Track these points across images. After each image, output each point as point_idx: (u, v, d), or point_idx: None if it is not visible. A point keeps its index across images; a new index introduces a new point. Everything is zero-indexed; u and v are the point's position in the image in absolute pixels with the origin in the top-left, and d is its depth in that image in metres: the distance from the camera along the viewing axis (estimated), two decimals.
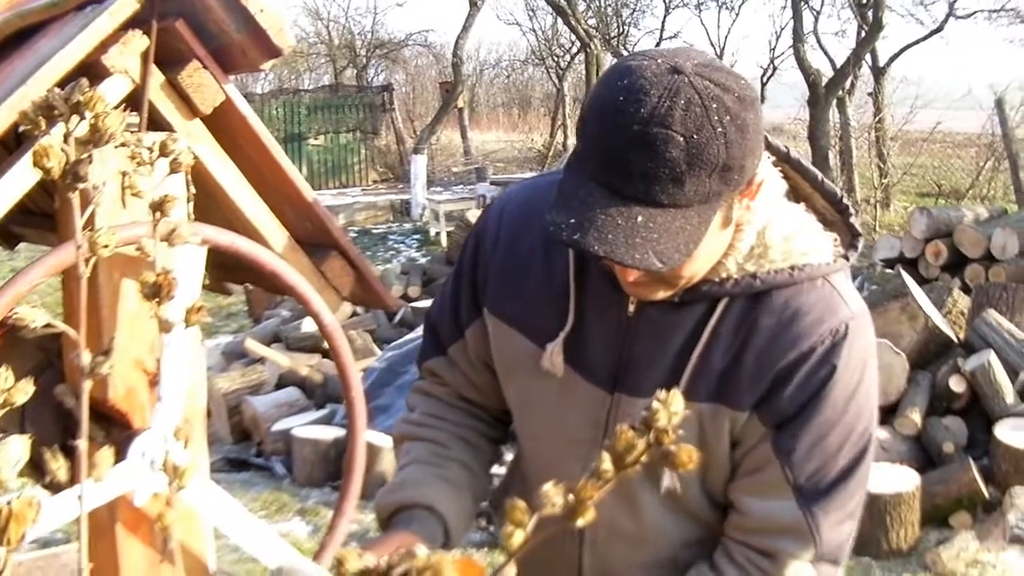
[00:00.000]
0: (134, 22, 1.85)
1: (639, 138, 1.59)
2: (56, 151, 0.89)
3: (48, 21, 1.91)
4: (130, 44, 1.85)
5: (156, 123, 1.92)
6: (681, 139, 1.58)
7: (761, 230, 1.85)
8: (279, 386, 8.91)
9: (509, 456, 2.32)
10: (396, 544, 1.94)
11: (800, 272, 1.86)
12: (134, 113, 1.87)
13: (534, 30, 31.48)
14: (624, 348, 1.94)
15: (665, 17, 28.89)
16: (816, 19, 23.55)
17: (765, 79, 26.17)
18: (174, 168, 1.12)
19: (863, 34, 16.74)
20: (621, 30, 28.25)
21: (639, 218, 1.62)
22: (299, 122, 26.54)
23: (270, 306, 11.52)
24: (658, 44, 28.73)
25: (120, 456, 1.74)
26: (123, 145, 1.06)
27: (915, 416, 6.68)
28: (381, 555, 1.83)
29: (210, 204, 1.98)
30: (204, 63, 1.94)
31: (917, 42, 22.22)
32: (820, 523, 1.88)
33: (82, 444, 0.92)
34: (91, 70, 1.82)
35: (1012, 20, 22.00)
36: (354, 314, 10.85)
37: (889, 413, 6.87)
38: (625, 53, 27.82)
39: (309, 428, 7.78)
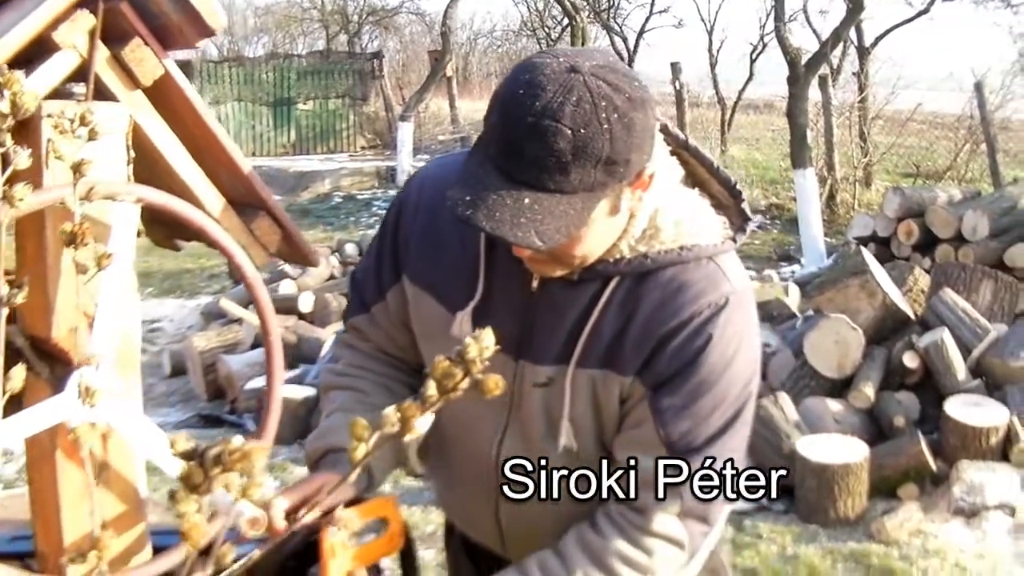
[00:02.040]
0: (83, 3, 2.03)
1: (531, 128, 1.76)
2: None
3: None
4: (78, 22, 2.01)
5: (102, 93, 2.09)
6: (569, 132, 1.75)
7: (653, 214, 2.02)
8: (255, 346, 9.04)
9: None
10: (317, 484, 2.10)
11: (688, 252, 2.02)
12: (81, 83, 2.05)
13: (525, 1, 31.46)
14: (527, 320, 2.10)
15: None
16: None
17: (755, 56, 26.19)
18: (91, 136, 1.30)
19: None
20: (612, 3, 28.27)
21: (526, 200, 1.79)
22: (289, 87, 26.56)
23: (236, 269, 11.61)
24: (648, 18, 28.71)
25: (58, 390, 1.94)
26: (49, 116, 1.21)
27: (868, 390, 6.80)
28: (303, 495, 2.03)
29: (152, 168, 2.15)
30: (145, 40, 2.10)
31: (903, 23, 22.29)
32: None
33: None
34: (44, 44, 1.99)
35: (999, 4, 22.03)
36: (331, 277, 11.02)
37: (844, 386, 7.02)
38: (615, 26, 28.07)
39: (281, 387, 7.91)
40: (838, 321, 7.04)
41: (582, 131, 1.76)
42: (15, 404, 1.82)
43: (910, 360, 6.96)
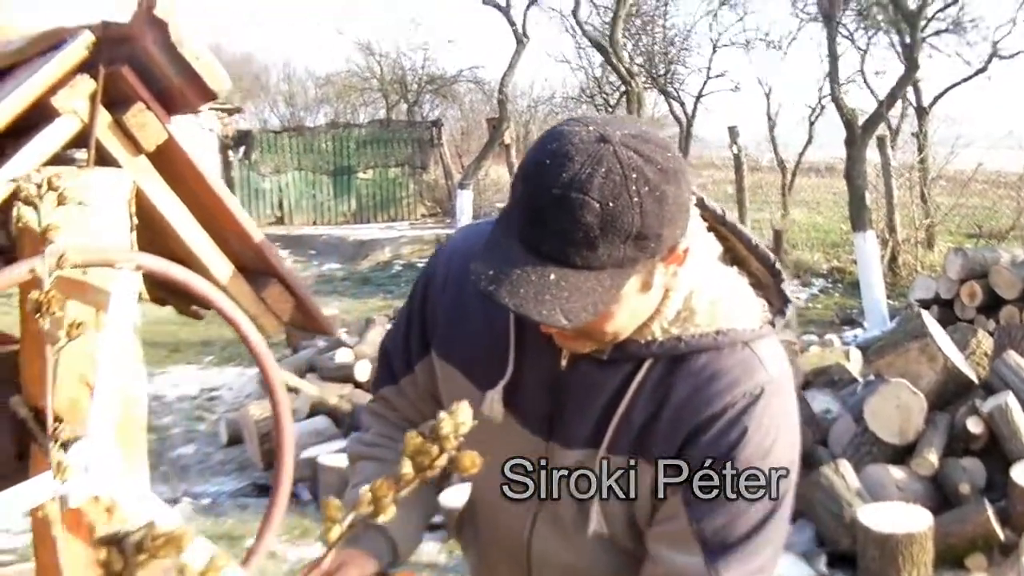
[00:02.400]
0: (84, 67, 2.00)
1: (558, 201, 1.67)
2: None
3: (14, 66, 2.06)
4: (78, 87, 1.98)
5: (105, 159, 2.06)
6: (597, 205, 1.66)
7: (688, 295, 1.92)
8: (311, 415, 9.02)
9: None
10: (341, 559, 2.04)
11: (724, 337, 1.93)
12: (83, 149, 2.02)
13: (583, 67, 31.57)
14: (556, 400, 2.02)
15: (712, 55, 28.71)
16: (862, 59, 23.60)
17: (813, 118, 26.09)
18: (61, 201, 1.25)
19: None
20: (668, 68, 28.29)
21: (552, 276, 1.70)
22: (348, 155, 26.81)
23: (307, 337, 11.66)
24: (705, 82, 28.71)
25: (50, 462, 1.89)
26: (13, 181, 1.18)
27: (932, 456, 6.66)
28: (324, 573, 1.96)
29: (158, 235, 2.12)
30: (148, 104, 2.07)
31: (961, 82, 22.18)
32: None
33: None
34: (43, 111, 1.96)
35: None
36: None
37: (906, 453, 6.87)
38: (672, 91, 28.08)
39: (335, 456, 7.87)
40: (899, 386, 6.90)
41: (611, 204, 1.67)
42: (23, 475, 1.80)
43: (974, 425, 6.80)
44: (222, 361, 13.38)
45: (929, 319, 7.57)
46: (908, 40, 15.81)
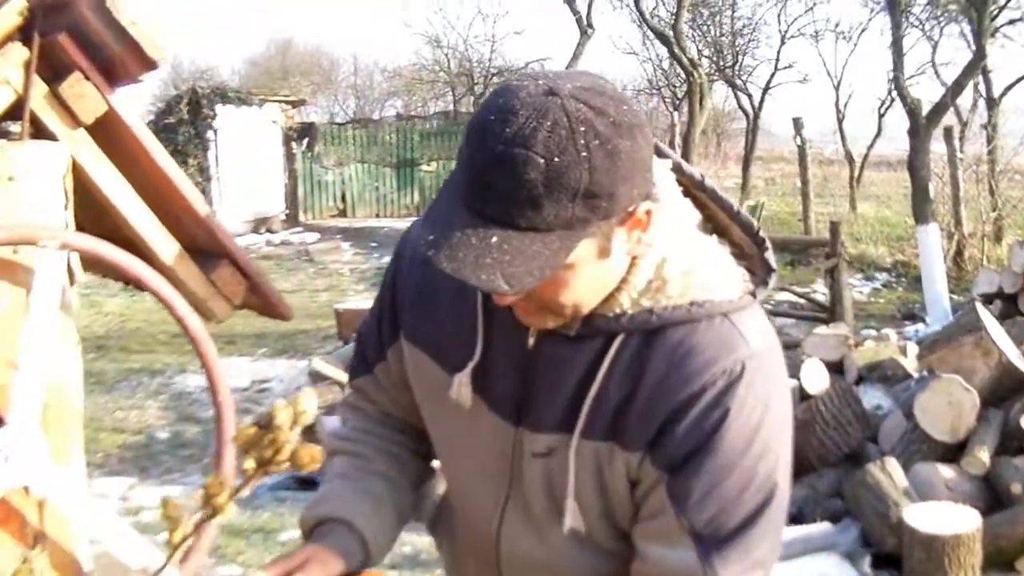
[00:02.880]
0: (18, 35, 1.91)
1: (499, 158, 1.56)
2: None
3: None
4: (10, 55, 1.88)
5: (40, 132, 1.97)
6: (541, 161, 1.54)
7: (660, 263, 1.79)
8: None
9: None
10: (302, 557, 1.95)
11: (699, 308, 1.79)
12: (18, 122, 1.93)
13: (650, 59, 31.44)
14: (525, 382, 1.89)
15: (780, 47, 28.43)
16: (933, 50, 23.30)
17: (883, 111, 25.78)
18: None
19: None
20: (736, 59, 28.08)
21: (494, 239, 1.58)
22: (412, 148, 26.89)
23: (358, 328, 11.65)
24: (773, 74, 28.49)
25: None
26: None
27: (983, 455, 6.51)
28: (286, 569, 1.87)
29: (100, 213, 2.03)
30: (87, 74, 1.97)
31: None
32: (719, 573, 1.79)
33: None
34: None
35: None
36: None
37: (957, 451, 6.72)
38: (739, 82, 27.87)
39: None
40: (951, 382, 6.74)
41: (556, 159, 1.54)
42: None
43: None
44: (275, 353, 13.46)
45: (984, 312, 7.39)
46: (977, 28, 15.53)
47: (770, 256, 1.89)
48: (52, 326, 1.87)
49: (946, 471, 6.56)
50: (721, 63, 27.22)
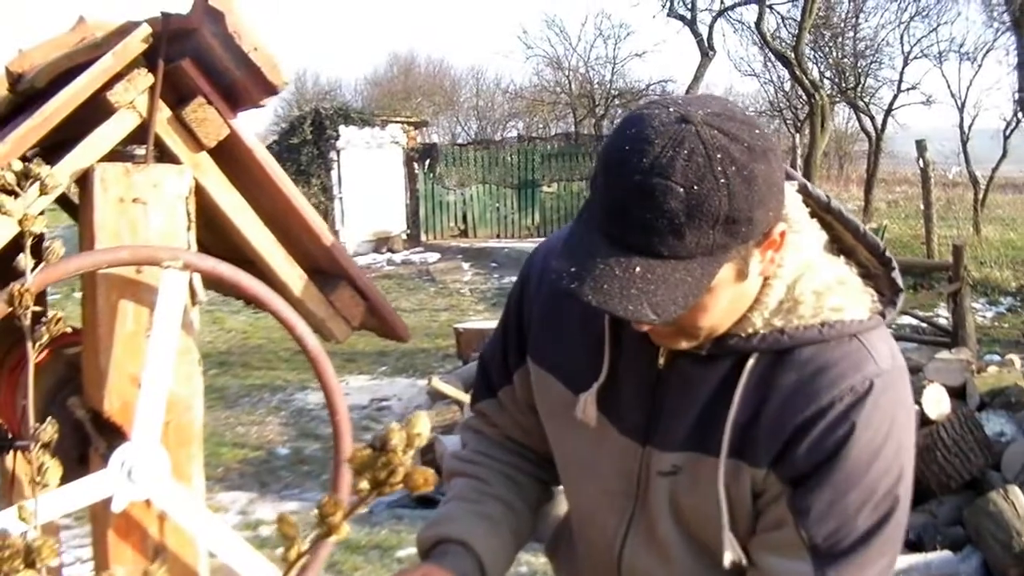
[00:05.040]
0: (143, 61, 1.96)
1: (638, 188, 1.58)
2: None
3: (91, 61, 2.03)
4: (135, 81, 1.94)
5: (164, 155, 2.02)
6: (681, 190, 1.56)
7: (792, 283, 1.80)
8: None
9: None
10: (420, 573, 1.98)
11: (830, 329, 1.80)
12: (143, 146, 1.99)
13: (771, 81, 31.18)
14: (655, 401, 1.91)
15: (903, 68, 28.02)
16: None
17: (1008, 132, 25.27)
18: (43, 191, 1.20)
19: None
20: (858, 81, 27.74)
21: (637, 268, 1.60)
22: (534, 169, 26.94)
23: (477, 347, 11.69)
24: (895, 95, 28.13)
25: (103, 464, 1.85)
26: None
27: None
28: None
29: (222, 234, 2.07)
30: (209, 99, 2.02)
31: None
32: None
33: None
34: (100, 106, 1.93)
35: None
36: None
37: None
38: (861, 104, 27.51)
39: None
40: None
41: (696, 188, 1.56)
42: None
43: None
44: (395, 372, 13.55)
45: None
46: None
47: (897, 276, 1.90)
48: (174, 344, 1.92)
49: None
50: (843, 84, 26.90)
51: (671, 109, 1.63)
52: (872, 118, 27.81)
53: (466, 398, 9.29)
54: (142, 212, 1.80)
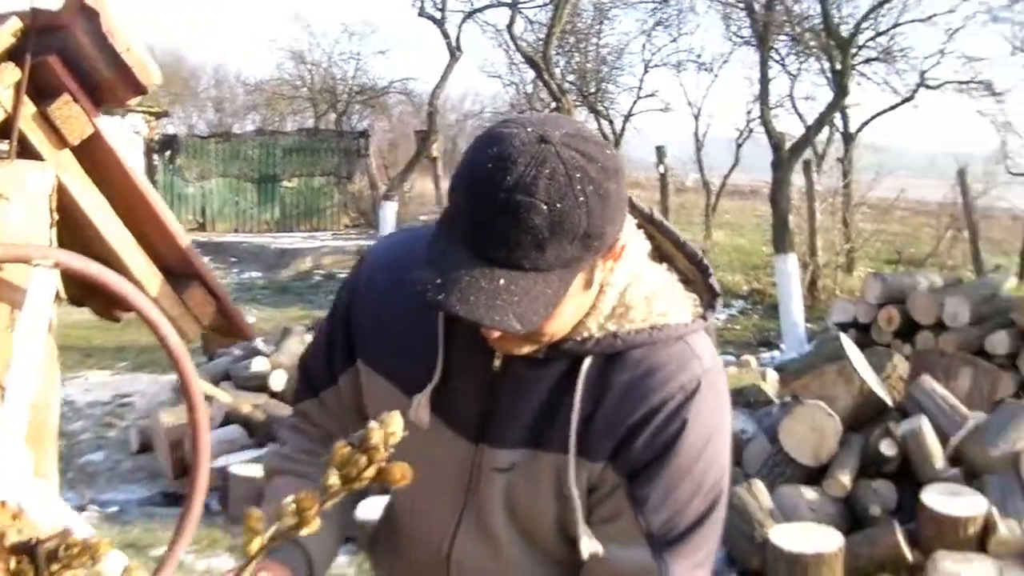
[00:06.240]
0: (10, 56, 1.94)
1: (504, 205, 1.65)
2: None
3: None
4: (1, 75, 1.93)
5: (27, 151, 2.00)
6: (544, 207, 1.65)
7: (623, 290, 1.92)
8: (224, 423, 8.89)
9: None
10: (258, 571, 2.00)
11: (659, 332, 1.92)
12: (6, 141, 1.96)
13: (514, 83, 31.58)
14: (490, 401, 1.98)
15: (643, 75, 28.88)
16: (792, 84, 23.84)
17: (741, 141, 26.30)
18: None
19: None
20: (599, 87, 28.42)
21: (501, 281, 1.68)
22: (275, 163, 26.62)
23: (224, 344, 11.51)
24: (635, 102, 28.89)
25: None
26: None
27: (845, 478, 6.71)
28: None
29: (80, 232, 2.06)
30: (75, 96, 2.02)
31: (888, 110, 22.50)
32: (671, 570, 1.92)
33: None
34: None
35: (983, 93, 22.17)
36: None
37: (820, 474, 6.92)
38: (602, 109, 28.17)
39: (246, 466, 7.77)
40: (814, 408, 6.96)
41: (558, 205, 1.65)
42: None
43: (887, 448, 6.86)
44: (136, 367, 13.19)
45: (847, 342, 7.65)
46: (839, 67, 16.00)
47: (714, 282, 2.04)
48: (41, 343, 1.91)
49: (809, 493, 6.73)
50: (585, 89, 27.50)
51: (529, 129, 1.72)
52: (611, 123, 28.53)
53: (219, 393, 9.17)
54: (4, 208, 1.79)
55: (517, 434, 1.97)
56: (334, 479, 1.01)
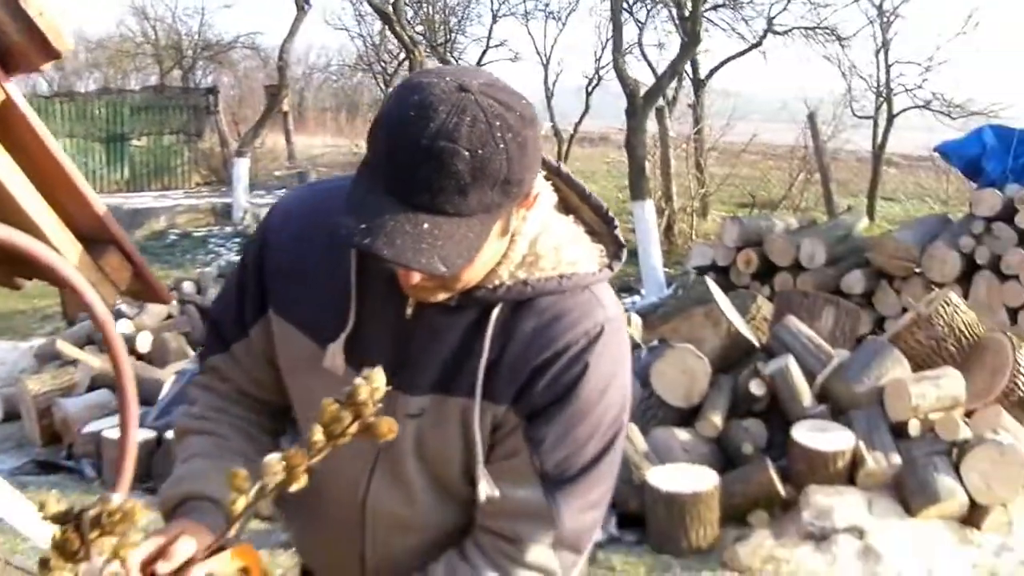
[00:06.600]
0: None
1: (427, 151, 1.69)
2: None
3: None
4: None
5: None
6: (467, 153, 1.69)
7: (533, 239, 1.96)
8: (91, 388, 8.78)
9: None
10: (177, 531, 1.98)
11: (567, 280, 1.97)
12: None
13: (362, 35, 31.33)
14: (401, 348, 2.01)
15: (492, 25, 28.88)
16: (640, 32, 24.06)
17: (590, 89, 26.47)
18: None
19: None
20: (448, 37, 28.34)
21: (425, 225, 1.72)
22: (122, 122, 26.05)
23: (84, 308, 11.28)
24: (484, 52, 28.89)
25: None
26: None
27: (716, 418, 6.86)
28: (162, 543, 1.90)
29: None
30: None
31: (736, 56, 22.85)
32: (562, 510, 1.99)
33: None
34: None
35: (827, 38, 22.63)
36: (169, 316, 10.74)
37: (692, 416, 7.07)
38: (451, 60, 28.08)
39: (119, 430, 7.68)
40: (684, 351, 7.09)
41: (480, 152, 1.70)
42: None
43: (756, 388, 7.03)
44: None
45: (713, 286, 7.81)
46: (687, 14, 16.19)
47: (619, 233, 2.11)
48: None
49: (682, 434, 6.88)
50: (434, 41, 27.40)
51: (448, 79, 1.76)
52: None
53: (85, 357, 9.02)
54: None
55: (427, 380, 2.01)
56: (319, 436, 1.03)
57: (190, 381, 2.36)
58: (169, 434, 7.22)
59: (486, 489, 2.03)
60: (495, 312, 1.98)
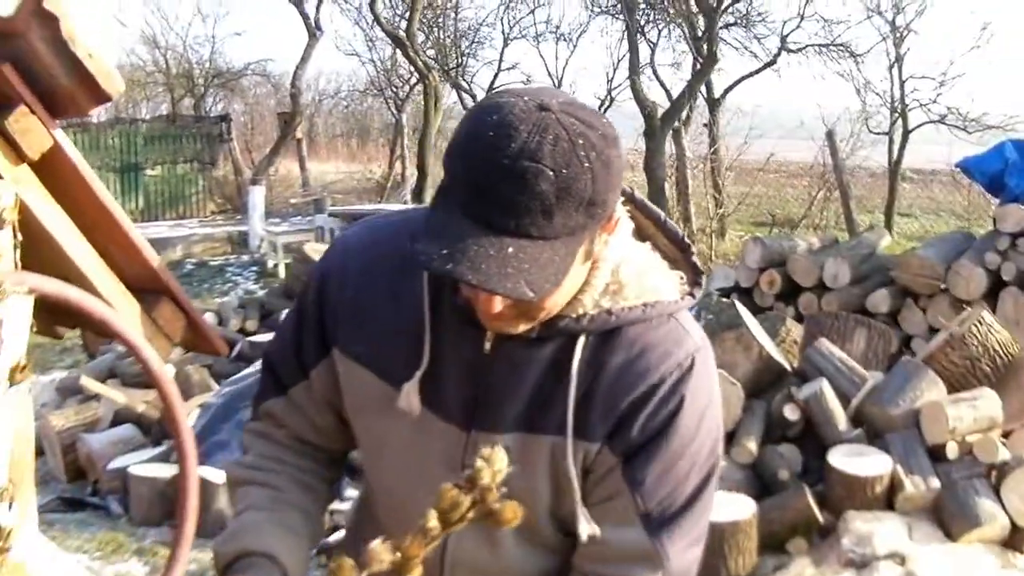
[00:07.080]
0: None
1: (509, 171, 1.63)
2: None
3: None
4: None
5: None
6: (551, 173, 1.63)
7: (615, 267, 1.90)
8: (115, 423, 8.70)
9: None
10: None
11: (651, 309, 1.91)
12: None
13: (373, 61, 31.38)
14: (480, 385, 1.95)
15: (504, 48, 28.99)
16: (652, 52, 24.03)
17: (603, 110, 26.41)
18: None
19: (698, 67, 17.08)
20: (460, 61, 28.37)
21: (510, 249, 1.65)
22: (136, 152, 26.10)
23: (105, 341, 11.24)
24: (496, 75, 28.91)
25: None
26: None
27: (751, 444, 6.76)
28: None
29: (40, 251, 1.94)
30: (32, 108, 1.91)
31: (751, 75, 22.81)
32: (668, 549, 1.93)
33: None
34: None
35: (841, 55, 22.61)
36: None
37: (725, 442, 6.97)
38: (464, 84, 28.15)
39: (146, 466, 7.61)
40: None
41: (564, 171, 1.64)
42: None
43: (791, 412, 6.93)
44: None
45: (743, 309, 7.70)
46: (701, 34, 16.18)
47: (696, 260, 2.05)
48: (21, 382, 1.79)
49: None
50: (446, 65, 27.45)
51: (526, 98, 1.70)
52: (474, 97, 28.51)
53: (109, 392, 8.95)
54: None
55: (509, 418, 1.95)
56: (435, 522, 0.93)
57: (211, 415, 2.27)
58: None
59: (587, 529, 1.96)
60: (580, 343, 1.91)
